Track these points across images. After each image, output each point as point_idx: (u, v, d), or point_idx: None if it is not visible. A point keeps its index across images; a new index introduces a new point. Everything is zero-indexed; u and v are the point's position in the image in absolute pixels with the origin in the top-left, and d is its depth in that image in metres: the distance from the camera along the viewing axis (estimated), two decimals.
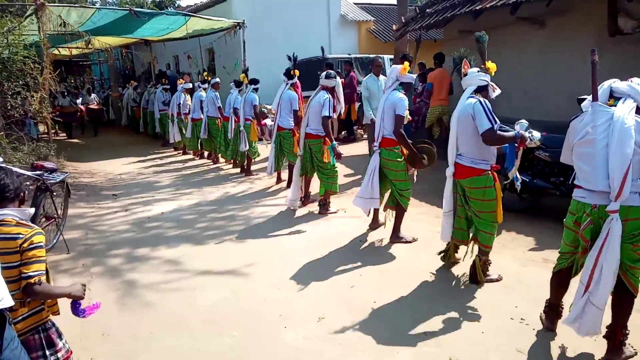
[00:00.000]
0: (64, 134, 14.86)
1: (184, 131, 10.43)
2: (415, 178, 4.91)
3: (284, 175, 7.29)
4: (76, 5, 11.76)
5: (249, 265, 4.28)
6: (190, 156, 10.59)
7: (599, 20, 6.49)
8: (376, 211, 5.07)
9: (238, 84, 8.63)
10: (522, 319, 3.16)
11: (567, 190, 4.91)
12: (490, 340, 2.94)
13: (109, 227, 5.64)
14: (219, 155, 9.32)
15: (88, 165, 10.00)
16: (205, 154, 10.15)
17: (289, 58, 6.83)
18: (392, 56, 11.34)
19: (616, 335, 2.68)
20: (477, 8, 7.35)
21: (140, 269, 4.33)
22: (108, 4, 22.17)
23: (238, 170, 8.55)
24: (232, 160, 8.87)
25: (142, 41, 14.47)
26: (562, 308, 3.01)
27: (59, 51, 13.27)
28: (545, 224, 4.86)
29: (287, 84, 6.84)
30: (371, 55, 12.94)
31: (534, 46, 7.39)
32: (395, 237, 4.68)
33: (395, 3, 13.29)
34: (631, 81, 2.77)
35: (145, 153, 11.23)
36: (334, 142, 5.51)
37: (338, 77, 5.99)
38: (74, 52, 14.41)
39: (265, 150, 8.29)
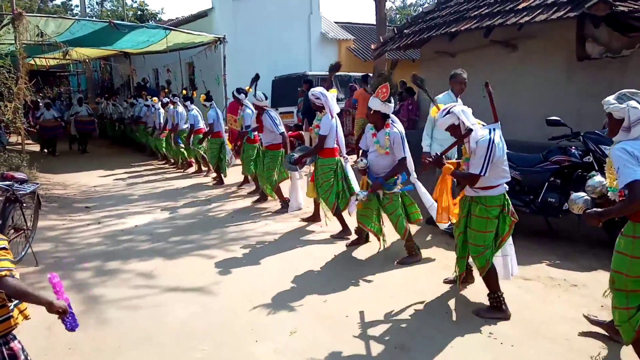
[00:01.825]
0: (45, 150, 13.40)
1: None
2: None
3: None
4: (54, 15, 11.69)
5: (220, 279, 4.25)
6: (168, 168, 10.52)
7: (568, 45, 6.74)
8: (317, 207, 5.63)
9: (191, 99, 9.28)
10: (490, 333, 3.21)
11: (537, 208, 5.04)
12: (459, 354, 2.98)
13: (80, 240, 5.53)
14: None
15: (61, 177, 9.83)
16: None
17: (257, 77, 6.87)
18: (370, 74, 11.47)
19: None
20: (453, 30, 7.56)
21: (110, 283, 4.26)
22: (88, 15, 22.01)
23: (216, 181, 8.70)
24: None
25: (122, 53, 14.43)
26: None
27: (36, 62, 13.12)
28: (515, 241, 4.94)
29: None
30: (351, 74, 13.14)
31: (506, 68, 7.62)
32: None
33: (375, 23, 13.59)
34: None
35: (122, 165, 11.11)
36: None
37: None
38: (51, 62, 14.26)
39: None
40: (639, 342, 2.59)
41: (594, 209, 2.71)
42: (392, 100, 4.42)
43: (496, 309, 3.45)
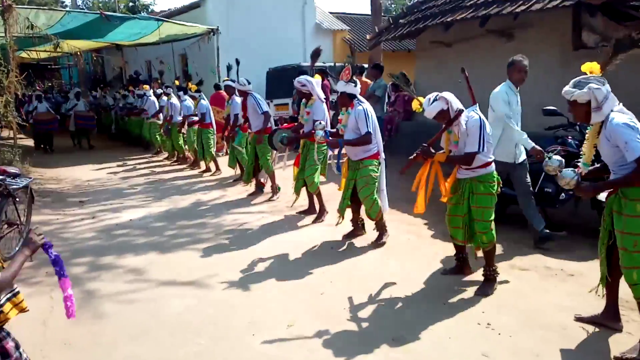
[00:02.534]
0: (42, 146, 12.53)
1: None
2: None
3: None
4: (45, 7, 11.53)
5: (216, 272, 4.22)
6: (163, 162, 10.46)
7: (564, 34, 6.72)
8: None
9: (185, 90, 9.19)
10: (488, 323, 3.21)
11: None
12: (456, 345, 2.97)
13: (74, 235, 5.49)
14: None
15: (55, 171, 9.75)
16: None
17: (237, 62, 6.97)
18: (366, 65, 11.42)
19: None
20: (448, 20, 7.51)
21: (106, 277, 4.23)
22: (78, 7, 21.74)
23: (213, 176, 8.70)
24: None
25: (114, 45, 14.28)
26: None
27: (28, 54, 12.96)
28: (511, 232, 4.94)
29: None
30: (339, 64, 13.04)
31: (502, 58, 7.56)
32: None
33: (370, 13, 13.50)
34: None
35: (116, 159, 11.03)
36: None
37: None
38: (42, 55, 14.08)
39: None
40: None
41: (590, 184, 2.89)
42: (356, 81, 4.63)
43: (491, 281, 3.71)
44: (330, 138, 4.90)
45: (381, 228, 4.81)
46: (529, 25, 7.19)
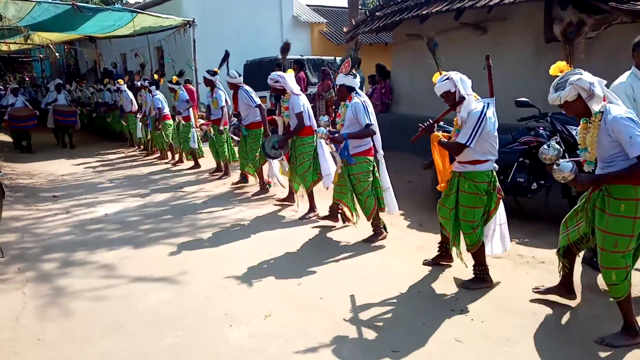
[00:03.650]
0: (22, 144, 11.40)
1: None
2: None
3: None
4: None
5: (193, 266, 4.19)
6: (139, 156, 10.31)
7: (537, 27, 6.83)
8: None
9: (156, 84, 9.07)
10: (461, 310, 3.27)
11: (507, 188, 5.11)
12: (431, 331, 3.02)
13: (47, 230, 5.39)
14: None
15: (27, 165, 9.54)
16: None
17: (227, 54, 6.94)
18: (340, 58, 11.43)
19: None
20: (424, 12, 7.57)
21: (78, 273, 4.16)
22: None
23: (190, 170, 8.62)
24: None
25: (87, 38, 13.97)
26: None
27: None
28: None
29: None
30: (324, 57, 13.04)
31: (477, 51, 7.67)
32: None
33: (347, 6, 13.49)
34: None
35: (91, 153, 10.83)
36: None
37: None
38: (13, 47, 13.68)
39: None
40: (627, 298, 2.77)
41: (587, 175, 2.77)
42: (356, 74, 4.51)
43: (482, 280, 3.62)
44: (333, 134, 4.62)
45: (375, 228, 4.70)
46: (503, 18, 7.30)
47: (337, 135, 4.49)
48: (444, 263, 4.02)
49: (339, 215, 5.09)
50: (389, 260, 4.20)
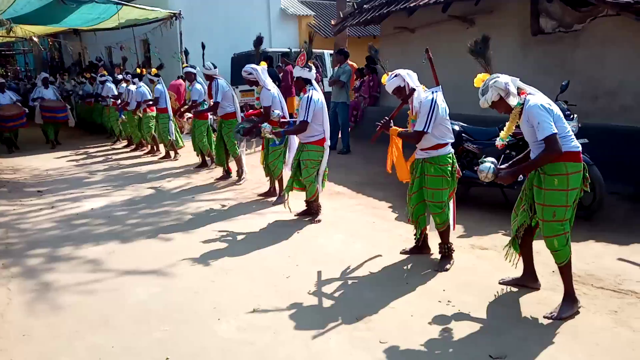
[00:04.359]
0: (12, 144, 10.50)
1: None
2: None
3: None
4: None
5: (180, 260, 4.17)
6: (124, 149, 10.21)
7: (523, 20, 6.87)
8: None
9: (139, 77, 9.06)
10: (448, 301, 3.30)
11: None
12: (418, 323, 3.04)
13: (32, 225, 5.32)
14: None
15: (11, 160, 9.40)
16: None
17: (202, 46, 7.06)
18: (332, 51, 11.43)
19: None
20: (411, 5, 7.57)
21: (64, 268, 4.12)
22: None
23: (174, 161, 8.65)
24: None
25: (71, 30, 13.76)
26: None
27: None
28: (472, 212, 5.08)
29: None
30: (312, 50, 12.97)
31: (465, 44, 7.69)
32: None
33: None
34: None
35: (77, 147, 10.69)
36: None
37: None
38: None
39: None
40: (568, 265, 3.07)
41: (506, 170, 3.12)
42: (311, 66, 4.80)
43: (447, 257, 3.87)
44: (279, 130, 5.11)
45: (310, 207, 5.10)
46: (490, 11, 7.32)
47: (276, 131, 4.99)
48: (422, 253, 4.10)
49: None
50: (377, 252, 4.21)
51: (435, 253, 4.02)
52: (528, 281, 3.44)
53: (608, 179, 4.68)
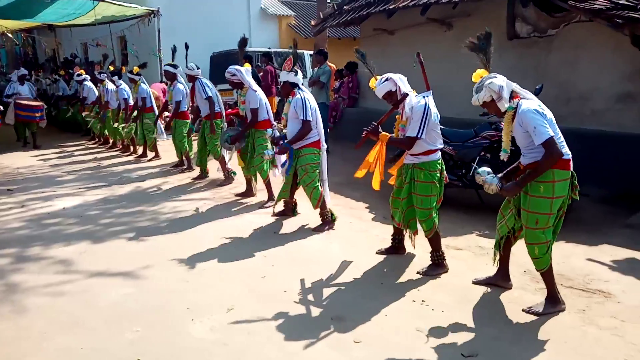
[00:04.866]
0: None
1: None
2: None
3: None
4: None
5: (155, 260, 4.11)
6: (100, 149, 10.03)
7: (500, 24, 6.98)
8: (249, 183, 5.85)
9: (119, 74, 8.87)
10: (422, 300, 3.33)
11: (469, 181, 5.23)
12: (392, 322, 3.07)
13: (0, 225, 5.17)
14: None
15: None
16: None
17: (186, 46, 6.94)
18: (312, 52, 11.44)
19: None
20: (391, 7, 7.62)
21: (32, 269, 4.01)
22: None
23: (153, 161, 8.47)
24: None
25: (46, 26, 13.47)
26: None
27: None
28: (447, 213, 5.12)
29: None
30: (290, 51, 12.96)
31: (443, 46, 7.79)
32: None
33: None
34: None
35: (50, 146, 10.44)
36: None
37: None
38: None
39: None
40: (549, 271, 3.10)
41: (512, 183, 3.05)
42: (297, 71, 4.72)
43: (439, 266, 3.78)
44: (281, 143, 4.77)
45: (324, 217, 4.82)
46: (468, 15, 7.41)
47: (282, 147, 4.68)
48: (398, 253, 4.11)
49: (292, 207, 5.19)
50: (353, 252, 4.22)
51: (420, 255, 4.04)
52: (501, 281, 3.49)
53: (579, 181, 4.78)
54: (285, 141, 4.68)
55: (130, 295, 3.52)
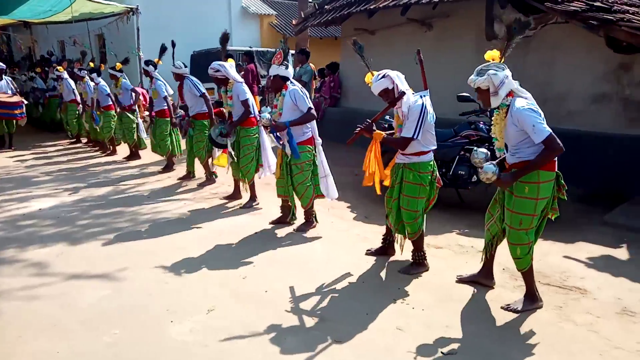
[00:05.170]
0: None
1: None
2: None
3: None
4: None
5: (134, 262, 4.05)
6: (79, 148, 9.84)
7: (479, 25, 7.06)
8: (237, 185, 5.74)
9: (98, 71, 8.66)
10: (403, 299, 3.35)
11: (449, 180, 5.28)
12: (373, 321, 3.07)
13: None
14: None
15: None
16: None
17: (173, 44, 6.76)
18: (293, 51, 11.40)
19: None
20: (371, 7, 7.65)
21: (8, 271, 3.92)
22: None
23: (132, 163, 8.30)
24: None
25: (21, 23, 13.16)
26: None
27: None
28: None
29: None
30: (274, 49, 12.93)
31: (423, 46, 7.79)
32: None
33: None
34: None
35: (27, 145, 10.21)
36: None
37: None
38: None
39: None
40: (530, 270, 3.14)
41: (509, 173, 2.99)
42: (288, 64, 4.56)
43: (420, 265, 3.80)
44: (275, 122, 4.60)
45: (308, 216, 4.78)
46: (447, 15, 7.49)
47: (279, 123, 4.47)
48: (387, 254, 4.10)
49: (291, 213, 5.00)
50: (335, 252, 4.23)
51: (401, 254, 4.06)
52: (484, 279, 3.51)
53: None
54: (286, 122, 4.46)
55: (108, 297, 3.46)
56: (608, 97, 5.89)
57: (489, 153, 3.06)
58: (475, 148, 3.11)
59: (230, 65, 5.29)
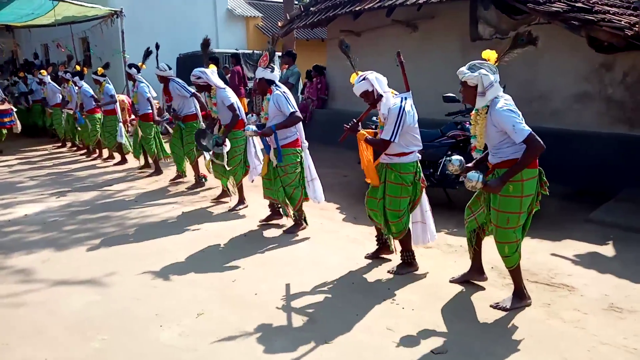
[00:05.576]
0: None
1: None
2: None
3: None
4: None
5: (121, 266, 4.01)
6: (65, 152, 9.72)
7: (463, 26, 7.13)
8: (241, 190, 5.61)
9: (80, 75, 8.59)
10: (393, 299, 3.36)
11: (436, 180, 5.32)
12: (363, 321, 3.08)
13: None
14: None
15: None
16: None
17: (157, 46, 6.72)
18: (279, 53, 11.40)
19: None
20: (357, 9, 7.68)
21: None
22: None
23: (120, 167, 8.24)
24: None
25: (3, 26, 12.97)
26: None
27: None
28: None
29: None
30: (257, 51, 12.90)
31: (408, 48, 7.89)
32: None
33: (282, 0, 13.43)
34: None
35: (12, 151, 10.03)
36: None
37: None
38: None
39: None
40: (517, 268, 3.17)
41: (496, 179, 3.00)
42: (274, 67, 4.57)
43: (408, 264, 3.82)
44: (259, 130, 4.60)
45: (297, 219, 4.78)
46: (432, 17, 7.54)
47: (266, 128, 4.47)
48: (384, 256, 4.08)
49: (281, 210, 5.02)
50: (324, 253, 4.23)
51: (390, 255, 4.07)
52: (476, 276, 3.55)
53: None
54: (272, 125, 4.45)
55: (95, 302, 3.42)
56: (591, 97, 5.98)
57: (463, 159, 3.12)
58: (448, 158, 3.18)
59: (211, 72, 5.28)
